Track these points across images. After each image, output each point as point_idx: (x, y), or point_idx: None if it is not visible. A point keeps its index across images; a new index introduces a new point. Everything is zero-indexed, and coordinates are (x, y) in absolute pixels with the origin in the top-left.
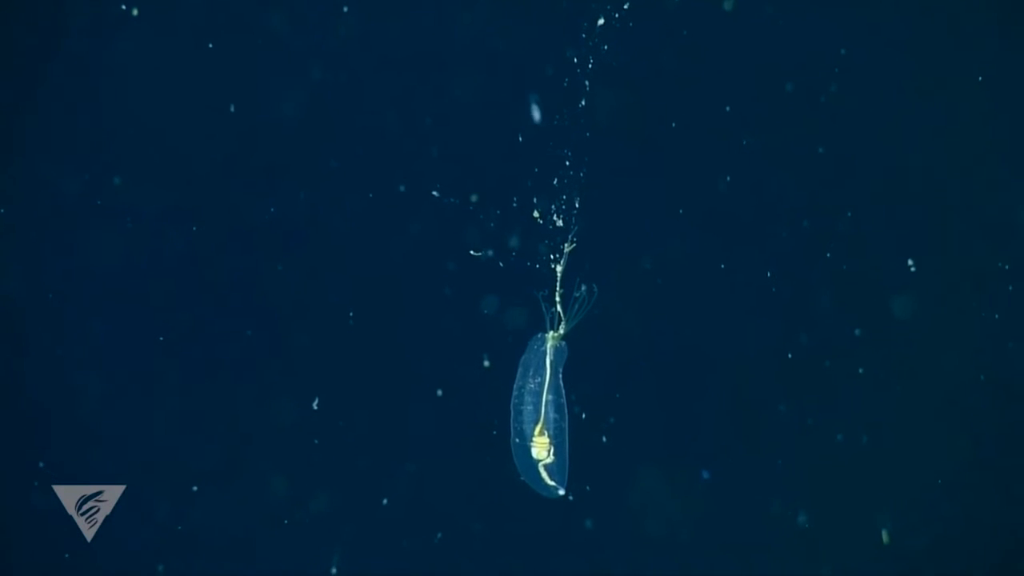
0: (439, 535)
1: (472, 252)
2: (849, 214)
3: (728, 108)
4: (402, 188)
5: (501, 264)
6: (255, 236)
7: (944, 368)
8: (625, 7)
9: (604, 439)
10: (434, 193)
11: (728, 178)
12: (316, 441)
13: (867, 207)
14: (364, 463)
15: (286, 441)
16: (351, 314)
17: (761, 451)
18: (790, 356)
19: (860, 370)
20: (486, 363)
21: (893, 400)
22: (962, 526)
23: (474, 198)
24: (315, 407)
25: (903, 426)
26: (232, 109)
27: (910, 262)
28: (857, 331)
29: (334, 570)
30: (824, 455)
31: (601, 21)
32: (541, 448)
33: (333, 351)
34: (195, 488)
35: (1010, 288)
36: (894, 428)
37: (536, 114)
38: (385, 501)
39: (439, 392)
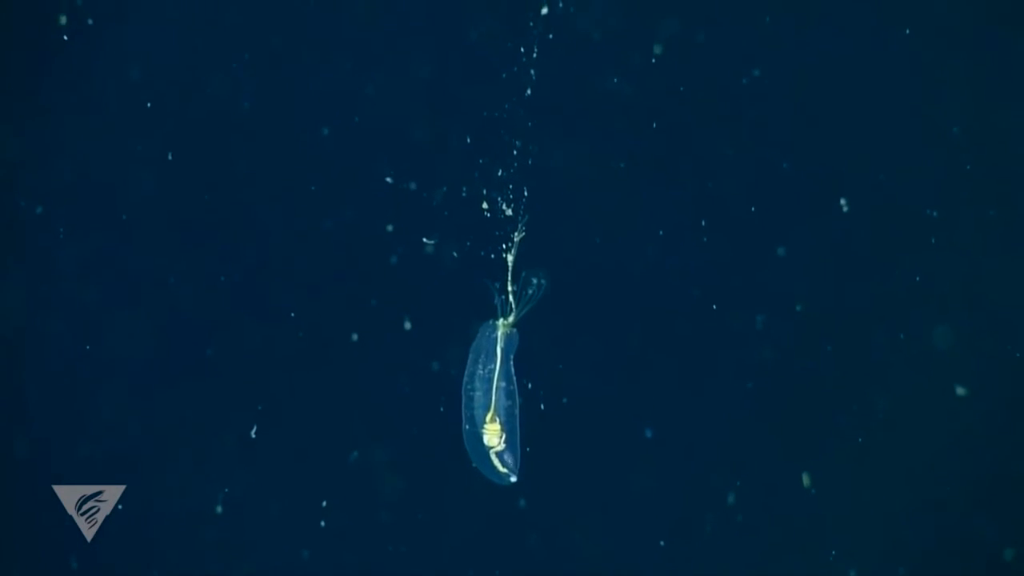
0: (391, 522)
1: (424, 240)
2: (785, 166)
3: (681, 88)
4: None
5: (455, 254)
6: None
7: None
8: None
9: (546, 418)
10: (388, 180)
11: (673, 161)
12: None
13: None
14: (319, 453)
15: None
16: (292, 315)
17: (710, 425)
18: (743, 332)
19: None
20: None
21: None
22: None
23: (419, 187)
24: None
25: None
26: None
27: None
28: (798, 307)
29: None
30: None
31: (545, 11)
32: (492, 435)
33: (281, 340)
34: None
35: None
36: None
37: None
38: (324, 504)
39: (391, 381)
